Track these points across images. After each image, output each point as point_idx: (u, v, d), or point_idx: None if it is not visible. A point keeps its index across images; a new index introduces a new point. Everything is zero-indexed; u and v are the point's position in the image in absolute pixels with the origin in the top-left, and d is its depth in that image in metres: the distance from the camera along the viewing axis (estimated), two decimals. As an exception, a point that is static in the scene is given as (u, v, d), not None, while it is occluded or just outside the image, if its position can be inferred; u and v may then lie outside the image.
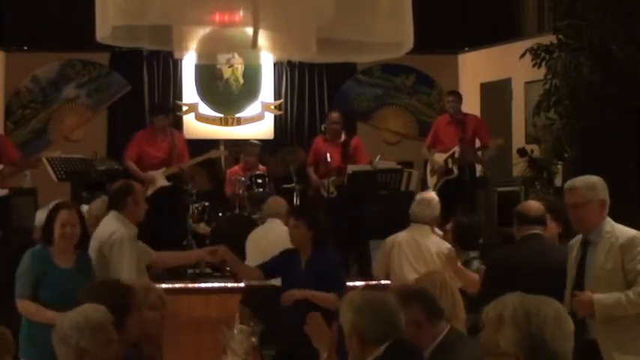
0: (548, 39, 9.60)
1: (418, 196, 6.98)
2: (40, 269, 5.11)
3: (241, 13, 6.74)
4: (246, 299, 6.68)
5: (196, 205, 9.11)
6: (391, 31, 6.70)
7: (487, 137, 9.34)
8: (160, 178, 8.96)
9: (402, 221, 6.99)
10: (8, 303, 5.13)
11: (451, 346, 3.67)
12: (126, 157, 9.13)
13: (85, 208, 6.76)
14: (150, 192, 8.90)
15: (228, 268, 8.27)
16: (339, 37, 6.61)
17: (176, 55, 8.26)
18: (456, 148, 8.99)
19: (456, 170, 8.98)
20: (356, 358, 3.30)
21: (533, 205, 5.29)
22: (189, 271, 8.81)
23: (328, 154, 9.28)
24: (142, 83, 11.57)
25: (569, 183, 4.71)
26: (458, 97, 9.46)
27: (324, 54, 6.71)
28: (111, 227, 5.53)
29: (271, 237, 6.74)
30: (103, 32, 6.55)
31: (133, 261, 5.48)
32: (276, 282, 5.83)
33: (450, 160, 9.03)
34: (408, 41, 6.91)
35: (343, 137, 9.38)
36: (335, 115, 9.52)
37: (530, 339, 2.39)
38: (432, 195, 6.99)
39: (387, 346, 3.23)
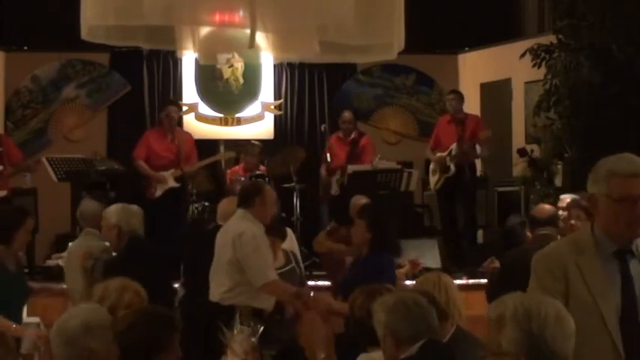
0: (548, 39, 9.61)
1: None
2: None
3: (241, 13, 6.76)
4: None
5: (196, 205, 9.11)
6: (388, 34, 6.73)
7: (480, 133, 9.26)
8: (170, 179, 8.98)
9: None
10: None
11: (458, 347, 3.69)
12: (135, 157, 9.14)
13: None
14: (159, 192, 8.93)
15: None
16: (338, 40, 6.64)
17: (179, 54, 8.27)
18: (453, 146, 8.97)
19: (453, 168, 8.96)
20: (392, 359, 3.33)
21: (545, 208, 5.70)
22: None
23: (328, 154, 9.33)
24: (142, 83, 11.56)
25: (631, 166, 3.07)
26: (459, 95, 9.43)
27: (323, 54, 6.74)
28: (241, 226, 5.64)
29: None
30: (92, 31, 6.57)
31: (269, 257, 5.62)
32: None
33: (447, 158, 9.02)
34: (400, 42, 6.95)
35: (353, 135, 9.44)
36: (347, 115, 9.61)
37: (531, 338, 2.39)
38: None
39: (421, 344, 3.30)
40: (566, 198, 6.53)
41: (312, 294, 5.60)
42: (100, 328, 3.08)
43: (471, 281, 8.25)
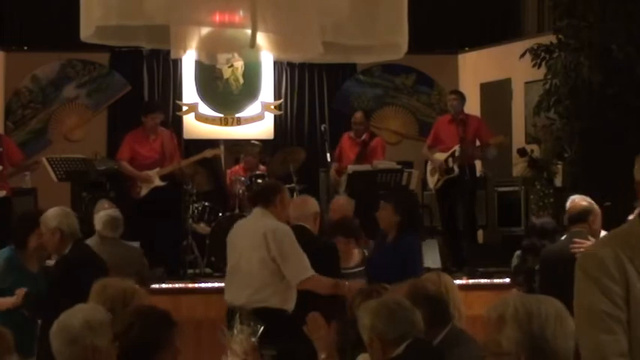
0: (548, 39, 9.61)
1: None
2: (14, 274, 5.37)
3: (241, 13, 6.75)
4: None
5: (196, 205, 9.10)
6: (391, 33, 6.72)
7: (488, 136, 9.17)
8: (155, 178, 8.94)
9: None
10: None
11: (450, 346, 3.69)
12: (119, 159, 9.07)
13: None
14: (145, 192, 8.90)
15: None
16: (340, 40, 6.63)
17: (173, 55, 8.28)
18: (456, 147, 8.95)
19: (456, 169, 8.93)
20: None
21: (575, 204, 5.89)
22: (190, 271, 8.82)
23: (328, 154, 9.34)
24: (142, 83, 11.56)
25: None
26: (460, 96, 9.39)
27: (325, 54, 6.72)
28: (269, 223, 5.44)
29: None
30: (89, 31, 6.56)
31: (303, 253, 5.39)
32: None
33: (450, 160, 9.00)
34: (405, 43, 6.94)
35: (364, 136, 9.44)
36: (358, 116, 9.62)
37: (532, 338, 2.39)
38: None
39: (407, 344, 3.32)
40: (575, 198, 6.55)
41: (347, 283, 5.41)
42: (102, 325, 3.13)
43: (470, 281, 8.25)
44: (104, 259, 5.80)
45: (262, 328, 4.23)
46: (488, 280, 8.16)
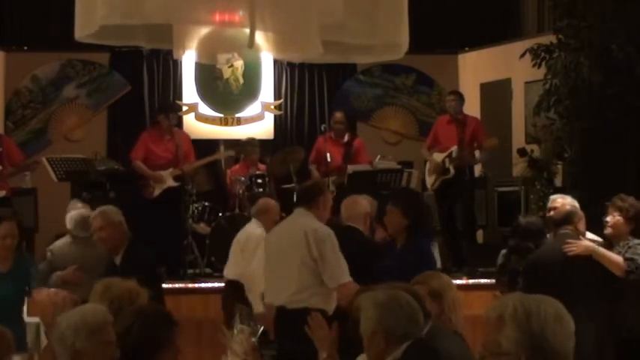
0: (548, 39, 9.61)
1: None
2: None
3: (241, 13, 6.74)
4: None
5: (196, 205, 9.11)
6: (392, 33, 6.72)
7: (483, 138, 9.20)
8: (168, 179, 8.96)
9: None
10: None
11: (434, 342, 3.67)
12: (133, 158, 9.10)
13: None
14: (158, 192, 8.92)
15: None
16: (340, 39, 6.63)
17: (175, 55, 8.29)
18: (454, 148, 8.96)
19: (452, 170, 8.93)
20: (377, 358, 3.29)
21: (560, 208, 6.09)
22: (190, 271, 8.82)
23: (328, 154, 9.31)
24: (142, 83, 11.56)
25: None
26: (459, 96, 9.40)
27: (324, 54, 6.72)
28: (311, 224, 5.34)
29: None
30: (85, 31, 6.56)
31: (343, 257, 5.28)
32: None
33: (447, 160, 9.01)
34: (406, 43, 6.94)
35: (346, 137, 9.41)
36: (339, 115, 9.58)
37: (532, 338, 2.39)
38: None
39: (406, 347, 3.25)
40: (557, 198, 6.54)
41: None
42: (89, 329, 3.10)
43: (470, 281, 8.25)
44: (75, 258, 5.89)
45: (262, 328, 4.23)
46: (488, 280, 8.15)
